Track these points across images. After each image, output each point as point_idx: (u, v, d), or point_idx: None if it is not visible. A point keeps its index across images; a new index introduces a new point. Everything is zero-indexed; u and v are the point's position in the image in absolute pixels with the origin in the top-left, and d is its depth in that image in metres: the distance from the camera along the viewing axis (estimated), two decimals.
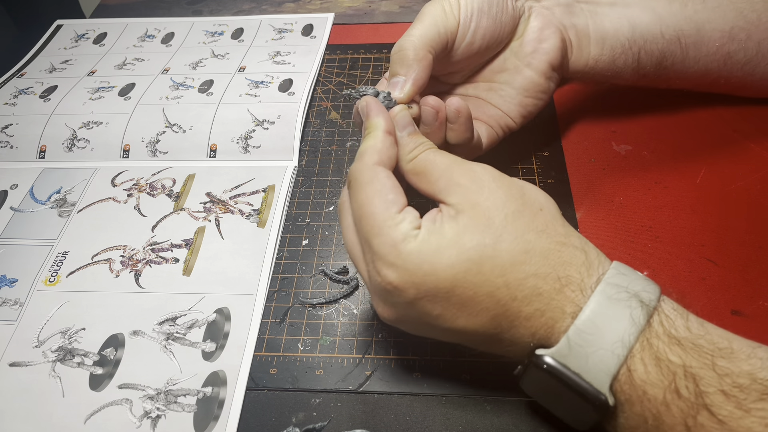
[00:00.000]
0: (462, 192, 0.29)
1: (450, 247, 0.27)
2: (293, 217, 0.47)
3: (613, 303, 0.26)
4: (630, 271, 0.27)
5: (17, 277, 0.44)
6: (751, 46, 0.43)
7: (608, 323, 0.25)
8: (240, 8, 0.72)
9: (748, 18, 0.43)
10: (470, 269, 0.27)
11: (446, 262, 0.27)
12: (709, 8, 0.43)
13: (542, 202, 0.29)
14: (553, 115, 0.52)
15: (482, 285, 0.27)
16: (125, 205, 0.48)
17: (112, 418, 0.36)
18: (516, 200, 0.29)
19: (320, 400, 0.36)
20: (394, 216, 0.28)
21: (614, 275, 0.27)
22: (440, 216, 0.29)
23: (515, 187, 0.29)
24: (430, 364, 0.37)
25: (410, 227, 0.28)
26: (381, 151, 0.31)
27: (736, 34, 0.43)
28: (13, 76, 0.62)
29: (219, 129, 0.53)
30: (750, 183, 0.44)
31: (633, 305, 0.26)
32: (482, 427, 0.34)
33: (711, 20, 0.43)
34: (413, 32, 0.36)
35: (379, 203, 0.29)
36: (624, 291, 0.26)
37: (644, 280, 0.27)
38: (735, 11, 0.43)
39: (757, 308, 0.37)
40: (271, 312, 0.41)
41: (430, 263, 0.27)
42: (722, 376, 0.23)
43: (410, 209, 0.29)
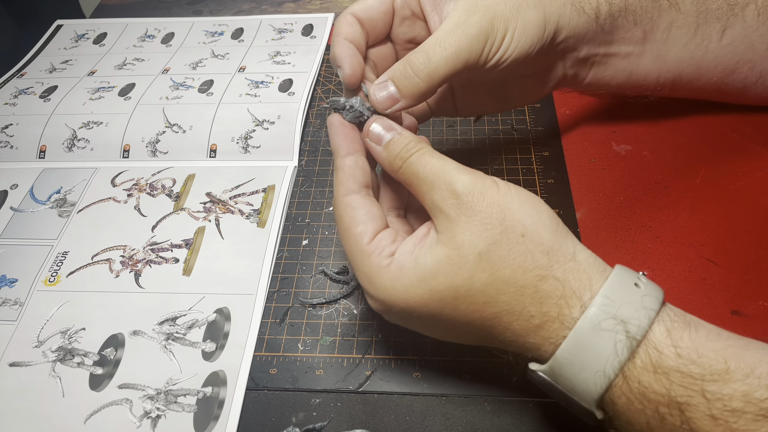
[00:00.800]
0: (443, 220, 0.28)
1: (421, 286, 0.28)
2: (293, 217, 0.47)
3: (596, 333, 0.25)
4: (624, 289, 0.26)
5: (17, 277, 0.44)
6: (753, 75, 0.43)
7: (589, 354, 0.25)
8: (240, 8, 0.72)
9: (757, 50, 0.42)
10: (445, 307, 0.28)
11: (419, 300, 0.28)
12: (722, 45, 0.42)
13: (526, 224, 0.27)
14: (553, 115, 0.52)
15: (459, 318, 0.28)
16: (125, 205, 0.48)
17: (112, 418, 0.36)
18: (494, 228, 0.27)
19: (320, 400, 0.36)
20: (364, 248, 0.29)
21: (602, 302, 0.25)
22: (421, 246, 0.29)
23: (496, 210, 0.27)
24: (430, 364, 0.37)
25: (381, 258, 0.29)
26: (344, 181, 0.31)
27: (740, 68, 0.42)
28: (13, 76, 0.62)
29: (219, 129, 0.53)
30: (750, 183, 0.44)
31: (618, 337, 0.25)
32: (482, 427, 0.34)
33: (718, 57, 0.42)
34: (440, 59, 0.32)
35: (350, 238, 0.30)
36: (611, 318, 0.25)
37: (639, 301, 0.25)
38: (745, 44, 0.42)
39: (757, 308, 0.37)
40: (271, 312, 0.41)
41: (403, 300, 0.28)
42: (712, 400, 0.23)
43: (383, 235, 0.30)
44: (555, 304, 0.26)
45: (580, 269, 0.27)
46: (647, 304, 0.25)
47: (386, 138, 0.31)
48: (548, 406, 0.34)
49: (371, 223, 0.30)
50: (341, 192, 0.31)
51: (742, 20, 0.41)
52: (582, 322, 0.25)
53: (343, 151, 0.31)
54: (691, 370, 0.24)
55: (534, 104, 0.53)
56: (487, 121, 0.52)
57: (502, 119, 0.52)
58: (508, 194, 0.28)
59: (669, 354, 0.24)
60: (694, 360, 0.24)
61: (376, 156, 0.31)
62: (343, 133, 0.32)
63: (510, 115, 0.53)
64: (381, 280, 0.29)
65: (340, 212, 0.31)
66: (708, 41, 0.41)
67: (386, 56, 0.37)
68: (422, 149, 0.30)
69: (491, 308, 0.27)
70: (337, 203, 0.31)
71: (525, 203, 0.28)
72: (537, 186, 0.46)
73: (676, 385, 0.24)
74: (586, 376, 0.25)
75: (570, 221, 0.43)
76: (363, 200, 0.31)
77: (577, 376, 0.26)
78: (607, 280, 0.26)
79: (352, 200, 0.31)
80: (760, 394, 0.23)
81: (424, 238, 0.29)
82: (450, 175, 0.28)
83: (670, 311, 0.26)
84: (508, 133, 0.51)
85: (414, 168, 0.29)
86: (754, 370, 0.23)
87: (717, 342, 0.25)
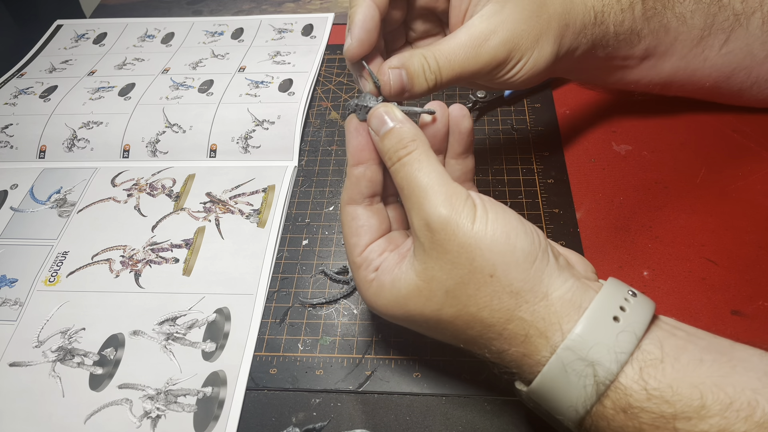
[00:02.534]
0: (419, 248, 0.28)
1: (397, 307, 0.29)
2: (293, 217, 0.47)
3: (566, 374, 0.25)
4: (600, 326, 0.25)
5: (17, 277, 0.44)
6: (748, 81, 0.43)
7: (561, 391, 0.26)
8: (240, 8, 0.72)
9: (756, 57, 0.42)
10: (421, 325, 0.30)
11: (398, 316, 0.30)
12: (722, 54, 0.41)
13: (496, 263, 0.26)
14: (553, 116, 0.52)
15: (441, 332, 0.30)
16: (125, 205, 0.48)
17: (112, 418, 0.36)
18: (461, 269, 0.27)
19: (320, 400, 0.36)
20: (355, 259, 0.31)
21: (572, 344, 0.25)
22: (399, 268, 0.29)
23: (464, 253, 0.27)
24: (430, 364, 0.37)
25: (367, 273, 0.31)
26: (348, 189, 0.32)
27: (737, 74, 0.42)
28: (13, 76, 0.62)
29: (219, 129, 0.53)
30: (750, 183, 0.44)
31: (587, 381, 0.25)
32: (482, 427, 0.34)
33: (715, 65, 0.42)
34: None
35: (347, 246, 0.32)
36: (579, 360, 0.25)
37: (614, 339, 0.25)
38: (745, 52, 0.41)
39: (757, 308, 0.37)
40: (271, 312, 0.41)
41: (386, 312, 0.30)
42: None
43: (373, 247, 0.31)
44: (522, 343, 0.27)
45: (550, 310, 0.26)
46: (620, 344, 0.25)
47: (386, 127, 0.30)
48: None
49: (365, 235, 0.31)
50: (344, 200, 0.32)
51: (746, 29, 0.41)
52: (550, 364, 0.26)
53: (352, 161, 0.31)
54: (663, 410, 0.24)
55: (534, 105, 0.53)
56: (487, 121, 0.52)
57: (502, 119, 0.52)
58: (482, 230, 0.27)
59: (639, 397, 0.24)
60: (667, 399, 0.24)
61: (376, 146, 0.31)
62: (356, 141, 0.31)
63: (510, 115, 0.53)
64: (366, 293, 0.31)
65: (341, 218, 0.32)
66: (708, 51, 0.41)
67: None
68: (412, 153, 0.28)
69: (463, 336, 0.29)
70: (340, 209, 0.33)
71: (498, 241, 0.27)
72: (537, 186, 0.46)
73: (647, 425, 0.24)
74: (560, 408, 0.26)
75: (570, 221, 0.43)
76: (363, 211, 0.31)
77: (554, 406, 0.26)
78: (582, 316, 0.26)
79: (352, 210, 0.32)
80: (737, 427, 0.22)
81: (404, 257, 0.30)
82: (428, 203, 0.27)
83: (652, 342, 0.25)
84: (508, 133, 0.51)
85: (399, 177, 0.29)
86: (733, 402, 0.23)
87: (697, 372, 0.24)
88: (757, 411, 0.22)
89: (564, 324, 0.26)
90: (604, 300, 0.26)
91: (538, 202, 0.45)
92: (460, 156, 0.33)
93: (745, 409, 0.23)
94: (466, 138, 0.33)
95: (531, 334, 0.26)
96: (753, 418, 0.22)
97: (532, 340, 0.26)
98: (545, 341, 0.26)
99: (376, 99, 0.32)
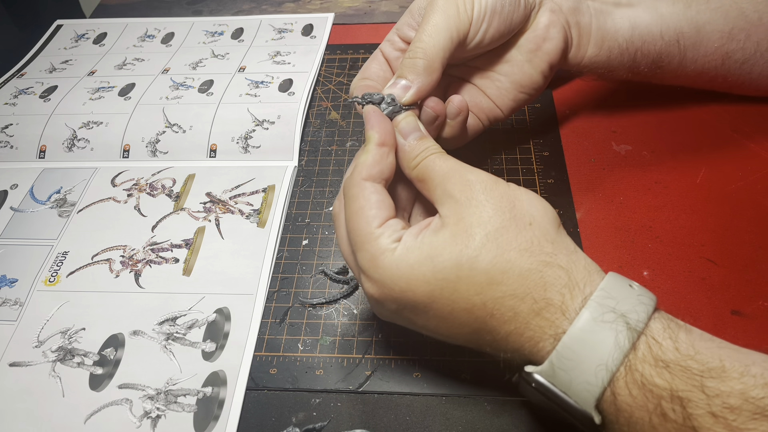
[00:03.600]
0: (452, 204, 0.29)
1: (425, 264, 0.28)
2: (293, 217, 0.47)
3: (598, 326, 0.25)
4: (621, 288, 0.27)
5: (17, 277, 0.44)
6: (750, 45, 0.43)
7: (591, 347, 0.25)
8: (240, 8, 0.72)
9: (749, 18, 0.43)
10: (446, 287, 0.28)
11: (421, 279, 0.28)
12: (712, 8, 0.42)
13: (534, 215, 0.28)
14: (553, 115, 0.52)
15: (459, 302, 0.28)
16: (125, 205, 0.48)
17: (112, 418, 0.36)
18: (503, 214, 0.28)
19: (320, 400, 0.36)
20: (374, 231, 0.29)
21: (602, 296, 0.26)
22: (427, 230, 0.29)
23: (506, 199, 0.29)
24: (430, 364, 0.37)
25: (389, 241, 0.29)
26: (370, 166, 0.31)
27: (736, 35, 0.43)
28: (13, 76, 0.62)
29: (219, 129, 0.53)
30: (750, 183, 0.44)
31: (619, 328, 0.25)
32: (482, 427, 0.34)
33: (712, 21, 0.43)
34: (427, 38, 0.34)
35: (361, 218, 0.30)
36: (611, 312, 0.25)
37: (635, 298, 0.26)
38: (737, 11, 0.42)
39: (757, 308, 0.37)
40: (271, 312, 0.41)
41: (405, 280, 0.28)
42: (712, 397, 0.23)
43: (393, 222, 0.30)
44: (558, 292, 0.27)
45: (583, 263, 0.28)
46: (644, 300, 0.26)
47: (413, 135, 0.33)
48: None
49: (384, 210, 0.30)
50: (363, 174, 0.31)
51: None
52: (584, 314, 0.26)
53: (379, 139, 0.32)
54: (690, 365, 0.24)
55: (534, 105, 0.53)
56: None
57: None
58: (517, 190, 0.29)
59: (668, 347, 0.25)
60: (692, 356, 0.24)
61: (400, 148, 0.33)
62: (383, 123, 0.33)
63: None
64: (385, 261, 0.28)
65: (353, 193, 0.31)
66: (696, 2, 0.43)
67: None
68: (441, 152, 0.32)
69: (493, 291, 0.27)
70: (353, 183, 0.31)
71: (533, 199, 0.29)
72: (537, 186, 0.46)
73: (677, 379, 0.24)
74: (586, 372, 0.25)
75: (570, 221, 0.43)
76: (381, 188, 0.31)
77: (578, 372, 0.25)
78: (604, 279, 0.27)
79: (372, 186, 0.31)
80: (756, 392, 0.23)
81: (429, 224, 0.30)
82: (465, 169, 0.30)
83: (664, 314, 0.27)
84: (508, 132, 0.51)
85: (430, 163, 0.31)
86: (748, 369, 0.23)
87: (711, 342, 0.25)
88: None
89: (593, 279, 0.27)
90: (616, 275, 0.28)
91: None
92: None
93: (761, 376, 0.23)
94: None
95: (570, 282, 0.27)
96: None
97: (569, 289, 0.27)
98: (579, 292, 0.27)
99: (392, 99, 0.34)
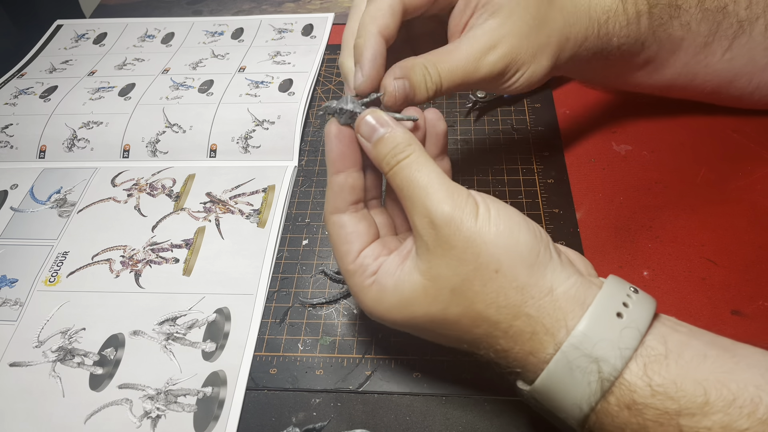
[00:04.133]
0: (422, 246, 0.28)
1: (400, 310, 0.29)
2: (293, 217, 0.47)
3: (570, 371, 0.25)
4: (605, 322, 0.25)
5: (17, 277, 0.44)
6: (750, 86, 0.43)
7: (564, 389, 0.26)
8: (240, 8, 0.72)
9: (758, 63, 0.42)
10: (425, 328, 0.29)
11: (399, 320, 0.29)
12: (724, 60, 0.41)
13: (501, 260, 0.26)
14: (553, 115, 0.52)
15: (441, 338, 0.30)
16: (125, 205, 0.48)
17: (112, 418, 0.36)
18: (468, 265, 0.27)
19: (320, 400, 0.36)
20: (348, 268, 0.31)
21: (577, 341, 0.25)
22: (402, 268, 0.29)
23: (471, 246, 0.27)
24: (430, 364, 0.37)
25: (363, 278, 0.30)
26: (330, 200, 0.31)
27: (738, 80, 0.42)
28: (13, 76, 0.62)
29: (219, 129, 0.53)
30: (750, 183, 0.44)
31: (591, 378, 0.25)
32: (482, 427, 0.34)
33: (716, 71, 0.42)
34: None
35: (337, 254, 0.31)
36: (584, 357, 0.25)
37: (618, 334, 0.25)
38: (747, 59, 0.41)
39: (757, 308, 0.37)
40: (271, 312, 0.41)
41: (386, 319, 0.30)
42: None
43: (366, 252, 0.30)
44: (528, 340, 0.27)
45: (555, 306, 0.26)
46: (624, 340, 0.25)
47: (378, 133, 0.29)
48: None
49: (356, 242, 0.31)
50: (328, 210, 0.32)
51: (749, 36, 0.41)
52: (555, 361, 0.26)
53: (333, 168, 0.31)
54: (667, 407, 0.24)
55: (534, 105, 0.53)
56: (487, 121, 0.52)
57: (502, 119, 0.52)
58: (486, 225, 0.27)
59: (643, 393, 0.24)
60: (671, 395, 0.24)
61: (366, 152, 0.30)
62: (337, 148, 0.31)
63: (510, 115, 0.53)
64: (364, 299, 0.30)
65: (328, 229, 0.32)
66: (711, 57, 0.41)
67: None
68: (409, 156, 0.28)
69: (468, 336, 0.28)
70: (325, 220, 0.32)
71: (502, 235, 0.27)
72: (537, 186, 0.46)
73: (651, 422, 0.24)
74: (564, 406, 0.26)
75: (570, 221, 0.43)
76: (349, 218, 0.31)
77: (557, 405, 0.26)
78: (586, 313, 0.26)
79: (338, 219, 0.31)
80: (740, 424, 0.22)
81: (406, 258, 0.29)
82: (430, 201, 0.27)
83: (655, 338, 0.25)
84: (508, 133, 0.51)
85: (399, 180, 0.29)
86: (736, 398, 0.23)
87: (700, 369, 0.24)
88: (760, 408, 0.23)
89: (569, 320, 0.26)
90: (607, 297, 0.26)
91: (538, 202, 0.45)
92: (436, 158, 0.33)
93: (749, 405, 0.23)
94: (442, 140, 0.33)
95: (537, 331, 0.26)
96: (756, 415, 0.22)
97: (538, 338, 0.26)
98: (551, 338, 0.26)
99: (358, 101, 0.31)
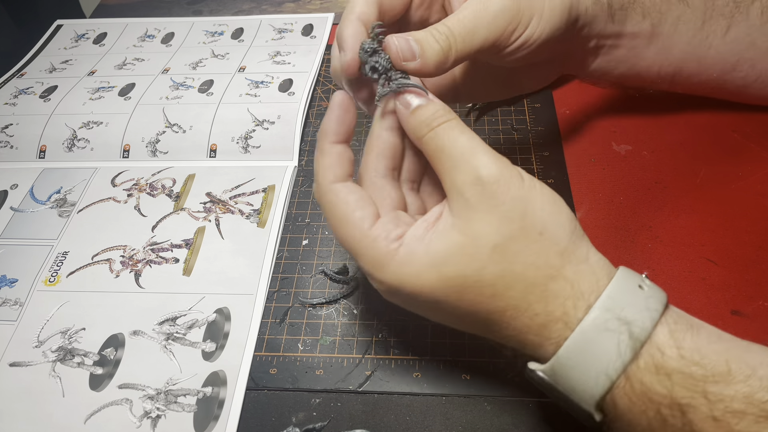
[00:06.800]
0: (461, 204, 0.27)
1: (431, 273, 0.27)
2: (293, 217, 0.47)
3: (600, 334, 0.25)
4: (629, 291, 0.26)
5: (17, 277, 0.44)
6: (753, 74, 0.43)
7: (591, 355, 0.25)
8: (240, 8, 0.72)
9: (759, 48, 0.42)
10: (451, 294, 0.27)
11: (427, 287, 0.27)
12: (725, 42, 0.42)
13: (546, 222, 0.27)
14: (553, 116, 0.52)
15: (463, 307, 0.28)
16: (125, 205, 0.48)
17: (112, 418, 0.36)
18: (513, 223, 0.26)
19: (320, 400, 0.36)
20: (368, 233, 0.28)
21: (606, 304, 0.25)
22: (434, 231, 0.28)
23: (518, 205, 0.27)
24: (430, 364, 0.37)
25: (387, 242, 0.28)
26: (331, 167, 0.29)
27: (741, 65, 0.42)
28: (13, 76, 0.62)
29: (219, 129, 0.53)
30: (750, 183, 0.44)
31: (622, 338, 0.25)
32: (482, 427, 0.34)
33: (720, 53, 0.42)
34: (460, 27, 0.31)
35: (349, 225, 0.28)
36: (615, 319, 0.25)
37: (643, 302, 0.25)
38: (748, 42, 0.42)
39: (757, 308, 0.37)
40: (271, 312, 0.41)
41: (411, 286, 0.27)
42: (714, 402, 0.23)
43: (385, 219, 0.29)
44: (561, 304, 0.26)
45: (591, 271, 0.27)
46: (651, 305, 0.25)
47: (415, 102, 0.29)
48: (548, 406, 0.34)
49: (368, 207, 0.29)
50: (329, 178, 0.29)
51: (746, 18, 0.41)
52: (586, 323, 0.25)
53: (333, 137, 0.30)
54: (693, 372, 0.24)
55: (534, 105, 0.53)
56: (487, 121, 0.52)
57: (502, 119, 0.52)
58: (532, 189, 0.27)
59: (672, 355, 0.24)
60: (697, 361, 0.24)
61: (402, 119, 0.30)
62: (341, 117, 0.30)
63: (510, 115, 0.53)
64: (389, 265, 0.28)
65: (330, 200, 0.29)
66: (712, 37, 0.41)
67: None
68: (451, 121, 0.28)
69: (497, 302, 0.27)
70: (324, 191, 0.29)
71: (547, 201, 0.27)
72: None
73: (678, 387, 0.24)
74: (587, 377, 0.25)
75: None
76: (354, 186, 0.29)
77: (578, 377, 0.25)
78: (612, 281, 0.26)
79: (343, 187, 0.29)
80: (761, 395, 0.23)
81: (436, 221, 0.28)
82: (477, 158, 0.27)
83: (673, 313, 0.26)
84: (508, 133, 0.51)
85: (440, 140, 0.28)
86: (755, 371, 0.23)
87: (718, 344, 0.25)
88: None
89: (600, 286, 0.26)
90: (627, 272, 0.27)
91: None
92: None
93: (767, 379, 0.23)
94: None
95: (573, 293, 0.26)
96: None
97: (573, 301, 0.26)
98: (583, 302, 0.26)
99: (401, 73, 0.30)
